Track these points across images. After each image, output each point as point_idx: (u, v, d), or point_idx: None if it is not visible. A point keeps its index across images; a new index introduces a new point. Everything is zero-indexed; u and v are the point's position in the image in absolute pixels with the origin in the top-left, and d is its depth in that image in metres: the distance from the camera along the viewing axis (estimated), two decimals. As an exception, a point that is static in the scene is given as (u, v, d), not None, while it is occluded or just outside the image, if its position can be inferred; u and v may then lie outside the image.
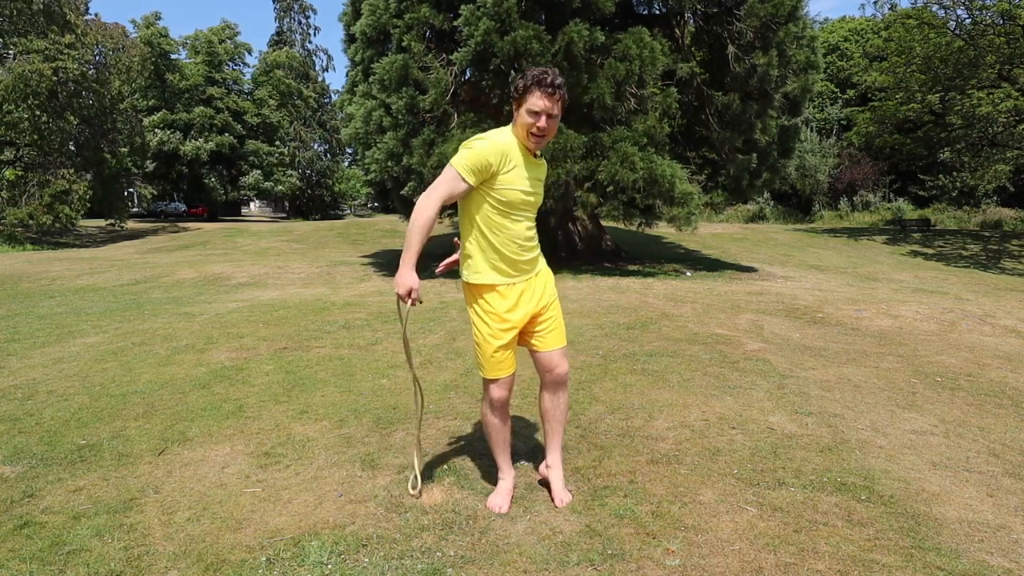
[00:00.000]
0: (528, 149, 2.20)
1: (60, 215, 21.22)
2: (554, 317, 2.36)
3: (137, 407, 3.61)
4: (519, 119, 2.14)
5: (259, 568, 1.99)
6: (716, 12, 11.59)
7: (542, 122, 2.09)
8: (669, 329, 5.84)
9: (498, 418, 2.39)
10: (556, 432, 2.48)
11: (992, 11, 19.66)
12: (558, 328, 2.37)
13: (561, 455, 2.52)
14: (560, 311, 2.41)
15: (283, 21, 51.18)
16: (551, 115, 2.10)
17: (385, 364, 4.59)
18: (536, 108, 2.08)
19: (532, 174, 2.23)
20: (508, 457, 2.47)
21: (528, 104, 2.09)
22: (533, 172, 2.24)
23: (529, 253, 2.29)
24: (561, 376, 2.40)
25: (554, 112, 2.10)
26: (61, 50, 21.14)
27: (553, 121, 2.12)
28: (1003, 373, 4.48)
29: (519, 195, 2.18)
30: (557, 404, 2.44)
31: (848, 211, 29.75)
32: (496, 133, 2.19)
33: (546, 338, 2.35)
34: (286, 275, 11.33)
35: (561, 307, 2.45)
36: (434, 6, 10.82)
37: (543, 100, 2.08)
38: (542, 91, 2.08)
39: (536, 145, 2.16)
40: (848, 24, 37.59)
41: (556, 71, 2.13)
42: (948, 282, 12.58)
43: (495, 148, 2.12)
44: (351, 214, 51.89)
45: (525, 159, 2.20)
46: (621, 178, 10.03)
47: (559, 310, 2.40)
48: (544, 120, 2.09)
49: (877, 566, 1.99)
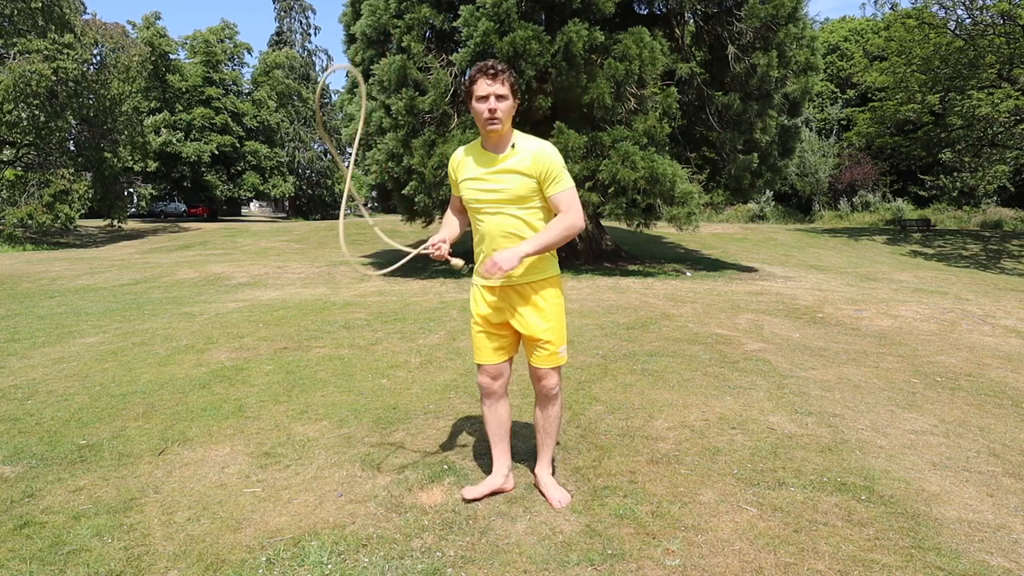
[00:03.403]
0: (490, 145, 2.26)
1: (60, 215, 21.23)
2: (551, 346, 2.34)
3: (137, 407, 3.61)
4: (474, 114, 2.22)
5: (259, 568, 1.99)
6: (716, 12, 11.60)
7: (491, 103, 2.15)
8: (669, 329, 5.84)
9: (486, 407, 2.48)
10: (543, 443, 2.51)
11: (992, 11, 19.66)
12: (553, 354, 2.36)
13: (549, 466, 2.53)
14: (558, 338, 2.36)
15: (283, 21, 51.22)
16: (499, 95, 2.16)
17: (385, 364, 4.59)
18: (482, 92, 2.16)
19: (498, 170, 2.23)
20: (500, 452, 2.49)
21: (476, 92, 2.18)
22: (500, 167, 2.23)
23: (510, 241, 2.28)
24: (548, 388, 2.39)
25: (501, 92, 2.16)
26: (60, 50, 21.15)
27: (504, 101, 2.17)
28: (1003, 373, 4.48)
29: (473, 196, 2.29)
30: (546, 416, 2.46)
31: (848, 211, 29.75)
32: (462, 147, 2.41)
33: (538, 357, 2.38)
34: (286, 275, 11.34)
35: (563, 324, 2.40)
36: (434, 7, 10.82)
37: (486, 83, 2.16)
38: (484, 76, 2.16)
39: (493, 130, 2.18)
40: (848, 24, 37.60)
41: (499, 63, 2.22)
42: (948, 282, 12.58)
43: (452, 161, 2.38)
44: (351, 214, 51.83)
45: (486, 160, 2.26)
46: (622, 177, 10.03)
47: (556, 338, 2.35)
48: (493, 101, 2.15)
49: (877, 566, 1.99)
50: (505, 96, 2.16)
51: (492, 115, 2.15)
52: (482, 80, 2.16)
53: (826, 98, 35.06)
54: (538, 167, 2.21)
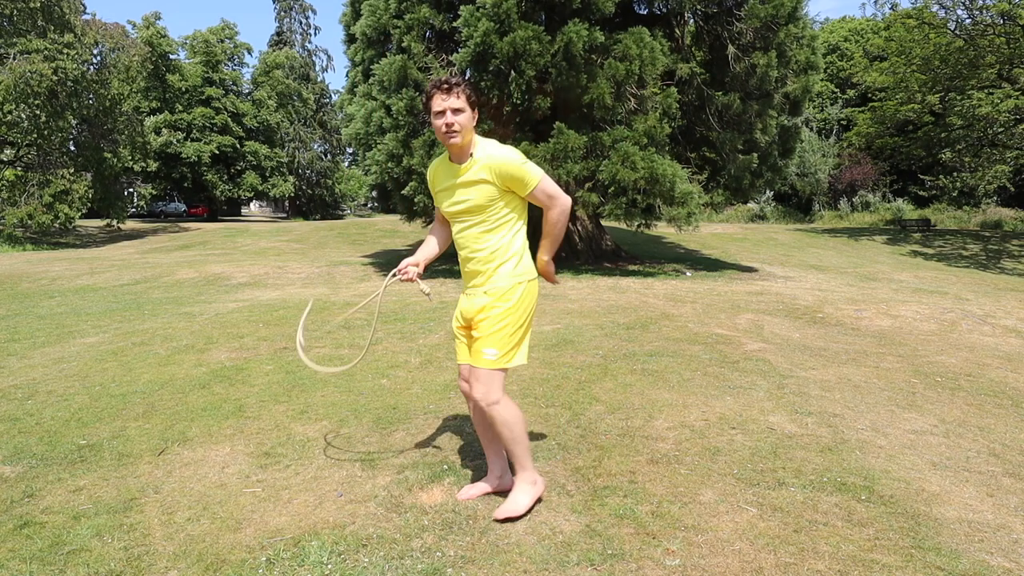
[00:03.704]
0: (454, 157, 2.28)
1: (60, 215, 21.23)
2: (480, 336, 2.23)
3: (137, 407, 3.61)
4: (434, 129, 2.26)
5: (259, 568, 1.99)
6: (716, 12, 11.60)
7: (447, 118, 2.17)
8: (669, 329, 5.84)
9: (471, 409, 2.48)
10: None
11: (992, 11, 19.67)
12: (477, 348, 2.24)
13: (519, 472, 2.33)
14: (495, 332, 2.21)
15: (283, 21, 51.19)
16: (455, 109, 2.18)
17: (385, 364, 4.59)
18: (438, 108, 2.19)
19: (461, 182, 2.25)
20: (492, 453, 2.48)
21: (432, 108, 2.21)
22: (463, 179, 2.25)
23: (470, 265, 2.29)
24: (477, 396, 2.24)
25: (456, 106, 2.18)
26: (60, 50, 21.15)
27: (460, 114, 2.18)
28: (1003, 373, 4.48)
29: (445, 208, 2.35)
30: (483, 418, 2.37)
31: (848, 211, 29.76)
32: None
33: (471, 348, 2.30)
34: (286, 275, 11.34)
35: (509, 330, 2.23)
36: (434, 7, 10.82)
37: (441, 98, 2.19)
38: (439, 92, 2.19)
39: (453, 143, 2.21)
40: (848, 24, 37.61)
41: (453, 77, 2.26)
42: (948, 282, 12.58)
43: (428, 173, 2.43)
44: (351, 214, 51.92)
45: (452, 172, 2.29)
46: (622, 178, 10.03)
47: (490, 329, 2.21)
48: (450, 115, 2.17)
49: (877, 566, 1.99)
50: (461, 109, 2.18)
51: (449, 129, 2.18)
52: (437, 96, 2.19)
53: (826, 98, 35.07)
54: (494, 174, 2.19)
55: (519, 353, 2.29)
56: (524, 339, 2.31)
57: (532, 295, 2.30)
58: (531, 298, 2.30)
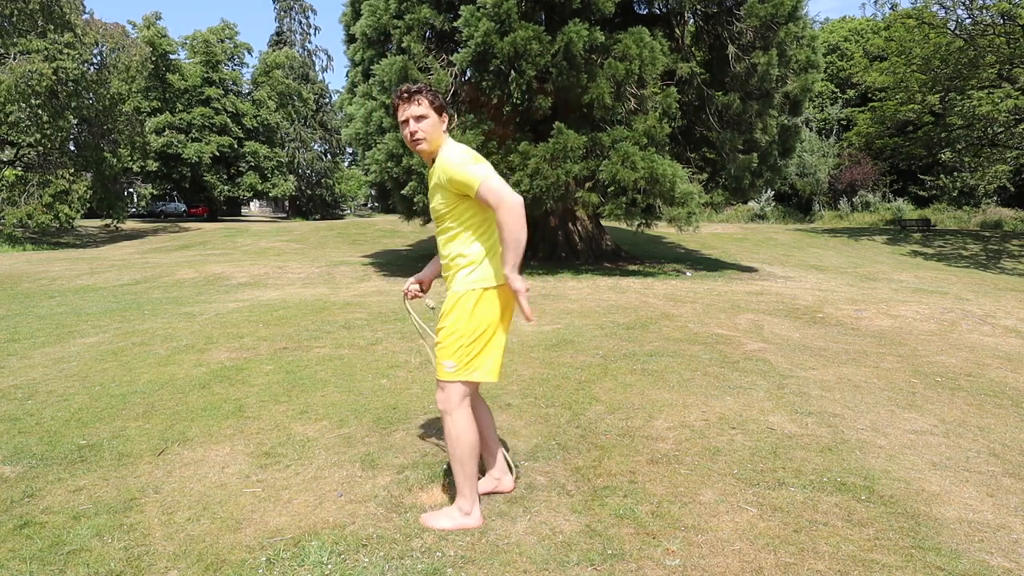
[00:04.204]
0: (427, 162, 2.31)
1: (60, 215, 21.23)
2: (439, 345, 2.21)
3: (137, 407, 3.61)
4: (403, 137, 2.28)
5: (259, 568, 1.99)
6: (716, 12, 11.61)
7: (412, 126, 2.20)
8: (669, 329, 5.84)
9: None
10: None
11: (992, 11, 19.67)
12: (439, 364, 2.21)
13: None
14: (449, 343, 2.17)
15: (283, 21, 51.18)
16: (417, 116, 2.20)
17: (385, 364, 4.59)
18: (401, 117, 2.23)
19: (430, 188, 2.29)
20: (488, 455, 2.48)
21: (398, 118, 2.25)
22: (431, 185, 2.29)
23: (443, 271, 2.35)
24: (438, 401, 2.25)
25: (418, 113, 2.19)
26: (61, 50, 21.15)
27: (423, 121, 2.20)
28: (1003, 373, 4.48)
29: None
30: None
31: (848, 211, 29.76)
32: None
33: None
34: (286, 275, 11.34)
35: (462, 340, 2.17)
36: (434, 7, 10.83)
37: (403, 107, 2.22)
38: (400, 101, 2.22)
39: (420, 150, 2.24)
40: (848, 24, 37.61)
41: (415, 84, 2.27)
42: (948, 282, 12.58)
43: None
44: (351, 214, 51.92)
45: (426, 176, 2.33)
46: (622, 178, 10.03)
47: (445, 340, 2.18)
48: (412, 123, 2.20)
49: (877, 566, 1.99)
50: (424, 115, 2.19)
51: (413, 136, 2.20)
52: (400, 105, 2.22)
53: (826, 98, 35.07)
54: (445, 178, 2.15)
55: (484, 367, 2.18)
56: (486, 351, 2.18)
57: (491, 304, 2.17)
58: (489, 307, 2.17)
